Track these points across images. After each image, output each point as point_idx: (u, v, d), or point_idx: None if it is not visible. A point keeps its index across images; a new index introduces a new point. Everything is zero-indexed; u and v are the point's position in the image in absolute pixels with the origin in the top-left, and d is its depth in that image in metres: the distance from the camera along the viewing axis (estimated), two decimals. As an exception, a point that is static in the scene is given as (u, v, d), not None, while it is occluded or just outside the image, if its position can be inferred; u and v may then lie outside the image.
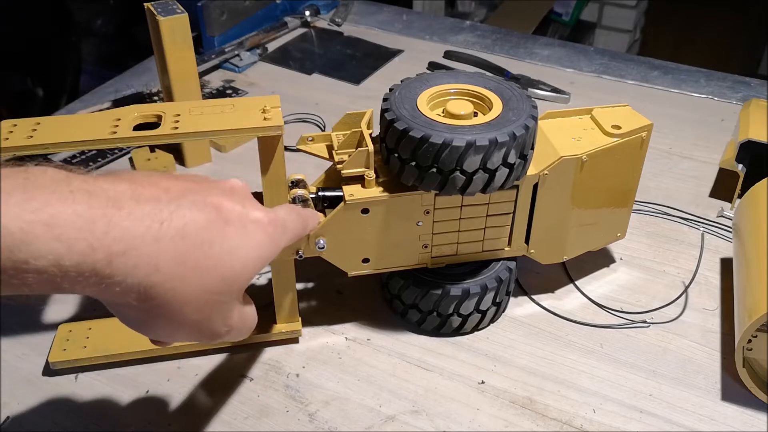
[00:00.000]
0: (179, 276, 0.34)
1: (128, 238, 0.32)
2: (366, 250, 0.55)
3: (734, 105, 0.92)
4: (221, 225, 0.36)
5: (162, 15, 0.70)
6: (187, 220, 0.34)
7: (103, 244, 0.31)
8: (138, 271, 0.33)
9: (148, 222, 0.33)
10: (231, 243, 0.36)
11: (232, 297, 0.38)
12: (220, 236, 0.36)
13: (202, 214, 0.35)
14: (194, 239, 0.34)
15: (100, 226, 0.31)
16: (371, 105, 0.60)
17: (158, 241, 0.33)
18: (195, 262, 0.34)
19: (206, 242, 0.35)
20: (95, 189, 0.33)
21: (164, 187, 0.36)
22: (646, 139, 0.58)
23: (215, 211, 0.36)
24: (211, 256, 0.35)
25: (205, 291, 0.36)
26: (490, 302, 0.58)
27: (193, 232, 0.35)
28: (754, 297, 0.51)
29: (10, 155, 0.46)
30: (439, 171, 0.50)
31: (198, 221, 0.35)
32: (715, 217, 0.72)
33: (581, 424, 0.52)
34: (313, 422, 0.52)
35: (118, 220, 0.32)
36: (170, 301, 0.34)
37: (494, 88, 0.55)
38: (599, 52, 1.06)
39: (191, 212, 0.35)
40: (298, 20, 1.09)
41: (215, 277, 0.36)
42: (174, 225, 0.34)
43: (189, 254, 0.34)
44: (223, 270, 0.36)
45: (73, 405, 0.53)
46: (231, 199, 0.38)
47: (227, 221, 0.36)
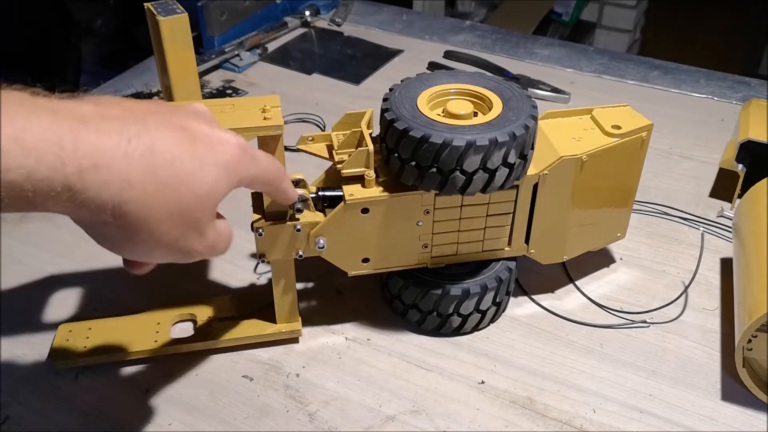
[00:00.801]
0: (152, 191, 0.34)
1: (98, 153, 0.33)
2: (366, 250, 0.55)
3: (734, 105, 0.92)
4: (189, 143, 0.36)
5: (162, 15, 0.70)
6: (155, 138, 0.35)
7: (72, 158, 0.32)
8: (111, 186, 0.33)
9: (117, 138, 0.33)
10: (201, 160, 0.37)
11: (205, 213, 0.38)
12: (189, 153, 0.36)
13: (170, 133, 0.36)
14: (164, 156, 0.35)
15: (69, 140, 0.32)
16: (371, 105, 0.60)
17: (128, 156, 0.33)
18: (167, 178, 0.35)
19: (176, 159, 0.35)
20: (61, 107, 0.33)
21: (128, 108, 0.36)
22: (646, 139, 0.58)
23: (182, 130, 0.36)
24: (183, 173, 0.36)
25: (180, 207, 0.36)
26: (490, 302, 0.58)
27: (162, 149, 0.35)
28: (754, 297, 0.51)
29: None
30: (439, 171, 0.50)
31: (166, 139, 0.35)
32: (715, 217, 0.72)
33: (581, 424, 0.52)
34: (313, 422, 0.52)
35: (86, 135, 0.32)
36: (146, 218, 0.35)
37: (494, 88, 0.55)
38: (599, 52, 1.06)
39: (158, 131, 0.35)
40: (298, 20, 1.10)
41: (188, 193, 0.36)
42: (143, 142, 0.34)
43: (160, 171, 0.35)
44: (196, 186, 0.36)
45: (73, 405, 0.53)
46: (197, 120, 0.38)
47: (195, 139, 0.37)
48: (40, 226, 0.71)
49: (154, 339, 0.56)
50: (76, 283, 0.64)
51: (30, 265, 0.66)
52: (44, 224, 0.71)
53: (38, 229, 0.70)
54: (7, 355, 0.57)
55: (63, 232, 0.70)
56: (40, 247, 0.68)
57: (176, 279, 0.65)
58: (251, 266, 0.66)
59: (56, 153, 0.31)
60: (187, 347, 0.56)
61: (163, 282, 0.64)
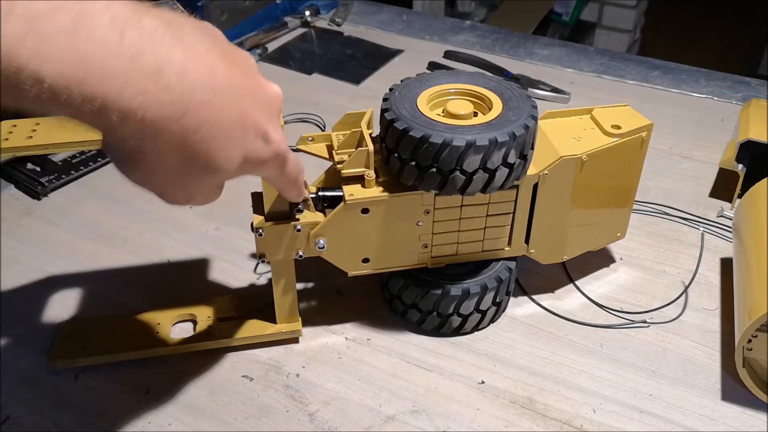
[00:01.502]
0: (176, 148, 0.34)
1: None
2: (366, 250, 0.55)
3: (734, 105, 0.92)
4: (239, 132, 0.36)
5: (162, 15, 0.70)
6: (212, 115, 0.35)
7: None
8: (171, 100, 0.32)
9: (177, 102, 0.33)
10: (236, 148, 0.37)
11: (206, 182, 0.38)
12: (229, 140, 0.36)
13: (228, 115, 0.35)
14: (208, 134, 0.35)
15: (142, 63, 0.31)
16: (371, 105, 0.60)
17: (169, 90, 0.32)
18: (195, 151, 0.35)
19: (216, 139, 0.35)
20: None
21: (211, 73, 0.34)
22: (646, 139, 0.58)
23: (240, 117, 0.36)
24: (210, 150, 0.35)
25: (190, 170, 0.36)
26: (490, 302, 0.58)
27: (210, 128, 0.35)
28: (754, 297, 0.51)
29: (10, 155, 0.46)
30: (439, 171, 0.50)
31: (223, 122, 0.35)
32: (715, 217, 0.72)
33: (581, 424, 0.52)
34: (313, 422, 0.52)
35: (151, 89, 0.32)
36: (159, 161, 0.35)
37: (494, 88, 0.55)
38: (599, 52, 1.06)
39: (220, 107, 0.35)
40: (298, 20, 1.10)
41: (204, 163, 0.36)
42: (198, 117, 0.34)
43: (195, 139, 0.34)
44: (216, 161, 0.36)
45: (73, 405, 0.53)
46: (260, 109, 0.38)
47: (245, 130, 0.37)
48: (40, 226, 0.71)
49: (154, 339, 0.56)
50: (76, 283, 0.64)
51: (30, 265, 0.66)
52: (44, 224, 0.71)
53: (38, 229, 0.70)
54: (7, 355, 0.57)
55: (63, 232, 0.70)
56: (40, 247, 0.68)
57: (176, 279, 0.65)
58: (251, 266, 0.66)
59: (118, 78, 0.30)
60: (186, 347, 0.56)
61: (163, 282, 0.64)
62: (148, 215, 0.72)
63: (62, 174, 0.77)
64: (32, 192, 0.75)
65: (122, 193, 0.75)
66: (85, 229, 0.70)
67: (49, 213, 0.73)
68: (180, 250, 0.68)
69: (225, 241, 0.68)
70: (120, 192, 0.75)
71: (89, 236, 0.69)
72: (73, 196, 0.75)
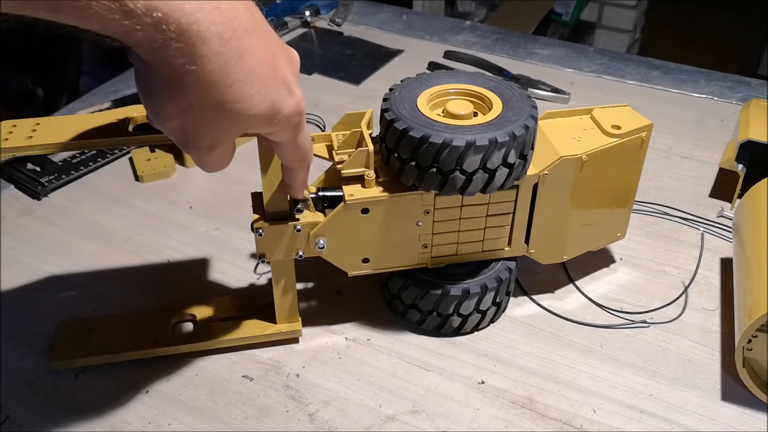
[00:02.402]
0: (218, 81, 0.35)
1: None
2: (366, 250, 0.55)
3: (734, 105, 0.92)
4: (269, 73, 0.38)
5: (162, 15, 0.70)
6: (251, 47, 0.36)
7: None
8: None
9: (226, 26, 0.35)
10: (266, 91, 0.38)
11: (231, 131, 0.40)
12: (261, 80, 0.38)
13: (263, 53, 0.37)
14: (247, 66, 0.36)
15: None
16: (371, 105, 0.60)
17: (223, 44, 0.35)
18: (232, 82, 0.36)
19: (251, 76, 0.37)
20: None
21: (250, 9, 0.37)
22: (646, 139, 0.58)
23: (271, 60, 0.38)
24: (244, 89, 0.37)
25: (222, 108, 0.37)
26: (490, 302, 0.58)
27: (249, 60, 0.36)
28: (754, 297, 0.51)
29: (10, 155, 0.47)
30: (439, 171, 0.50)
31: (257, 56, 0.37)
32: (715, 217, 0.72)
33: (581, 424, 0.52)
34: (313, 422, 0.52)
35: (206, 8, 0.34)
36: (197, 92, 0.36)
37: (494, 88, 0.55)
38: (599, 52, 1.06)
39: (257, 44, 0.37)
40: (298, 20, 1.10)
41: (236, 105, 0.37)
42: (240, 45, 0.36)
43: (235, 72, 0.36)
44: (247, 102, 0.37)
45: (73, 405, 0.53)
46: (286, 62, 0.40)
47: (275, 74, 0.39)
48: (40, 226, 0.71)
49: (154, 339, 0.56)
50: (76, 283, 0.64)
51: (30, 265, 0.66)
52: (44, 224, 0.71)
53: (38, 229, 0.70)
54: (7, 355, 0.57)
55: (63, 232, 0.70)
56: (40, 247, 0.68)
57: (176, 279, 0.65)
58: (251, 266, 0.66)
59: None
60: (187, 347, 0.56)
61: (163, 282, 0.64)
62: (148, 215, 0.72)
63: (62, 174, 0.77)
64: (32, 192, 0.75)
65: (122, 193, 0.75)
66: (85, 229, 0.70)
67: (49, 213, 0.73)
68: (180, 250, 0.68)
69: (225, 241, 0.68)
70: (120, 192, 0.75)
71: (89, 236, 0.69)
72: (73, 196, 0.75)
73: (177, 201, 0.74)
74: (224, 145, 0.41)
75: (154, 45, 0.33)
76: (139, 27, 0.32)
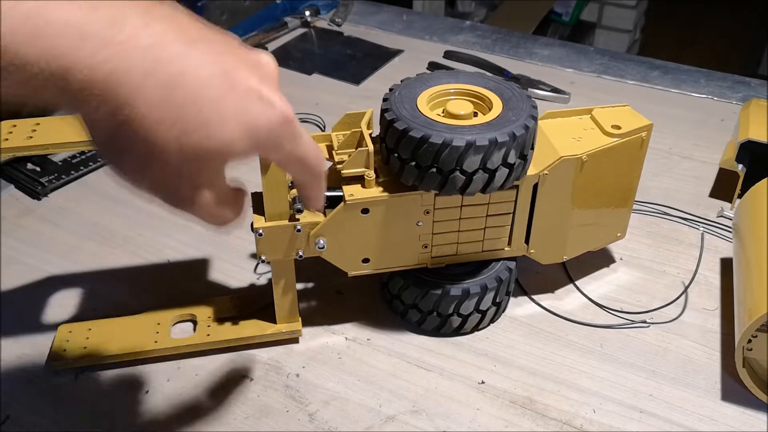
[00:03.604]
0: (159, 119, 0.31)
1: (119, 62, 0.29)
2: (366, 250, 0.55)
3: (734, 105, 0.92)
4: (224, 86, 0.32)
5: (162, 15, 0.70)
6: (187, 69, 0.31)
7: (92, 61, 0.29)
8: (120, 84, 0.29)
9: (144, 56, 0.30)
10: (225, 111, 0.32)
11: (205, 168, 0.34)
12: (217, 96, 0.32)
13: (207, 70, 0.32)
14: (189, 84, 0.31)
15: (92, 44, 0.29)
16: (371, 105, 0.60)
17: (148, 76, 0.30)
18: (179, 115, 0.31)
19: (199, 100, 0.31)
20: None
21: (180, 28, 0.32)
22: (646, 139, 0.58)
23: (222, 74, 0.32)
24: (202, 114, 0.32)
25: (181, 148, 0.32)
26: (490, 302, 0.58)
27: (191, 79, 0.31)
28: (754, 297, 0.51)
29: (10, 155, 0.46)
30: (439, 171, 0.50)
31: (199, 76, 0.31)
32: (715, 217, 0.72)
33: (581, 424, 0.52)
34: (313, 422, 0.52)
35: (114, 43, 0.29)
36: (145, 139, 0.31)
37: (494, 88, 0.55)
38: (599, 52, 1.06)
39: (195, 63, 0.31)
40: (298, 20, 1.10)
41: (197, 135, 0.32)
42: (169, 70, 0.30)
43: (178, 93, 0.31)
44: (208, 133, 0.32)
45: (73, 405, 0.53)
46: (250, 71, 0.34)
47: (232, 86, 0.33)
48: (40, 226, 0.71)
49: (154, 339, 0.56)
50: (76, 283, 0.64)
51: (30, 265, 0.66)
52: (44, 224, 0.71)
53: (38, 229, 0.70)
54: (7, 355, 0.57)
55: (63, 232, 0.70)
56: (40, 247, 0.68)
57: (176, 279, 0.65)
58: (251, 266, 0.66)
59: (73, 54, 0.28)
60: (187, 347, 0.56)
61: (163, 282, 0.64)
62: (148, 215, 0.72)
63: (62, 174, 0.77)
64: (32, 192, 0.75)
65: (122, 193, 0.75)
66: (85, 229, 0.70)
67: (49, 213, 0.73)
68: (180, 250, 0.68)
69: (225, 241, 0.68)
70: (120, 192, 0.75)
71: (89, 236, 0.69)
72: (73, 196, 0.75)
73: (177, 201, 0.74)
74: (213, 189, 0.36)
75: (74, 103, 0.30)
76: (49, 86, 0.28)
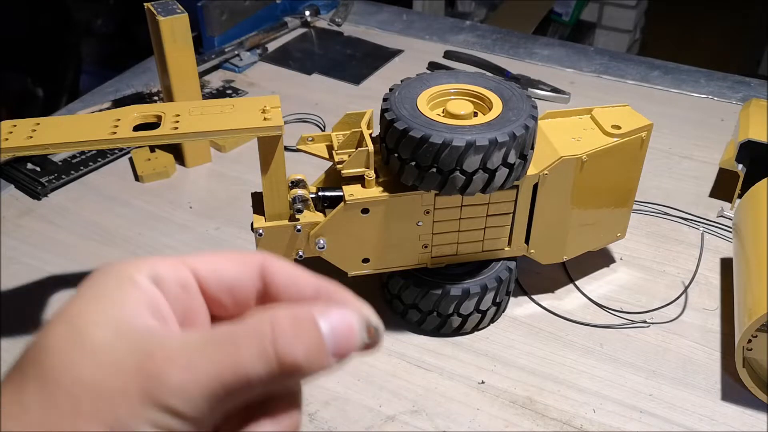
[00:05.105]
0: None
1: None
2: (366, 250, 0.55)
3: (734, 105, 0.92)
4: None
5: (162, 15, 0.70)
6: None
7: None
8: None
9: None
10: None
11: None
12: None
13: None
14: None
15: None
16: (371, 105, 0.60)
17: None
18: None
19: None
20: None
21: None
22: (646, 139, 0.58)
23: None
24: None
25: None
26: (490, 302, 0.58)
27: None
28: (754, 297, 0.51)
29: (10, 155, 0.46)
30: (439, 171, 0.50)
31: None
32: (715, 217, 0.72)
33: (581, 424, 0.52)
34: (313, 422, 0.52)
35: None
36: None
37: (494, 88, 0.55)
38: (599, 52, 1.06)
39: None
40: (298, 20, 1.09)
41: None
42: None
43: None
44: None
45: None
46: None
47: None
48: (40, 226, 0.71)
49: None
50: (76, 283, 0.63)
51: (30, 265, 0.66)
52: (44, 224, 0.71)
53: (38, 229, 0.70)
54: (7, 356, 0.57)
55: (63, 232, 0.70)
56: (40, 247, 0.68)
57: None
58: (251, 266, 0.65)
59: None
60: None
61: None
62: (148, 215, 0.72)
63: (62, 174, 0.77)
64: (32, 192, 0.75)
65: (122, 193, 0.75)
66: (85, 229, 0.70)
67: (49, 213, 0.73)
68: (180, 250, 0.68)
69: (225, 241, 0.68)
70: (120, 192, 0.75)
71: (89, 236, 0.69)
72: (73, 196, 0.75)
73: (177, 201, 0.74)
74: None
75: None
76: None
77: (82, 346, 0.23)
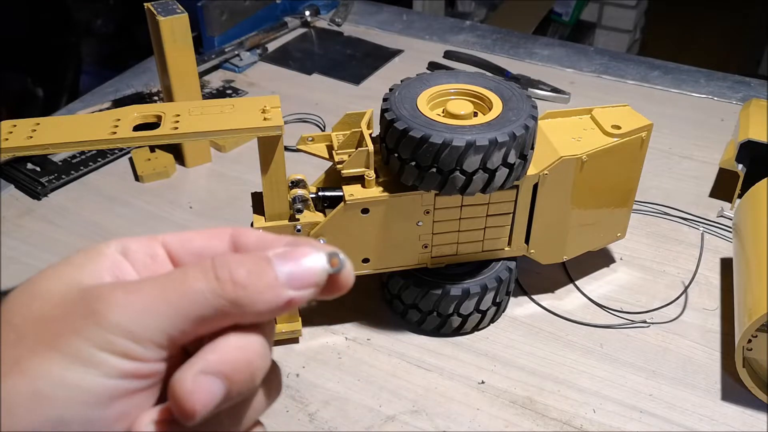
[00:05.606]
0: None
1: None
2: (366, 250, 0.55)
3: (734, 105, 0.92)
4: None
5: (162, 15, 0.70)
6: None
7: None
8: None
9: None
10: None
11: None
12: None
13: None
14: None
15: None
16: (371, 105, 0.60)
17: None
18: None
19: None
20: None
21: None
22: (646, 139, 0.58)
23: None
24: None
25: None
26: (490, 302, 0.58)
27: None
28: (754, 297, 0.51)
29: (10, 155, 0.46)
30: (439, 171, 0.50)
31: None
32: (715, 217, 0.72)
33: (581, 424, 0.52)
34: (313, 422, 0.52)
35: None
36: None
37: (494, 88, 0.55)
38: (599, 52, 1.06)
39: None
40: (298, 20, 1.09)
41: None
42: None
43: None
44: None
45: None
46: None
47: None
48: (40, 226, 0.71)
49: None
50: (76, 283, 0.64)
51: (30, 265, 0.66)
52: (44, 224, 0.71)
53: (38, 229, 0.70)
54: (7, 355, 0.57)
55: (63, 232, 0.70)
56: (40, 247, 0.68)
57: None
58: (251, 266, 0.65)
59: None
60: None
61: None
62: (148, 215, 0.72)
63: (62, 174, 0.77)
64: (32, 192, 0.75)
65: (122, 193, 0.75)
66: (85, 229, 0.70)
67: (49, 213, 0.73)
68: (180, 250, 0.68)
69: (225, 241, 0.68)
70: (120, 192, 0.75)
71: (89, 236, 0.69)
72: (73, 196, 0.75)
73: (177, 201, 0.74)
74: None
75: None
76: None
77: (32, 293, 0.25)
